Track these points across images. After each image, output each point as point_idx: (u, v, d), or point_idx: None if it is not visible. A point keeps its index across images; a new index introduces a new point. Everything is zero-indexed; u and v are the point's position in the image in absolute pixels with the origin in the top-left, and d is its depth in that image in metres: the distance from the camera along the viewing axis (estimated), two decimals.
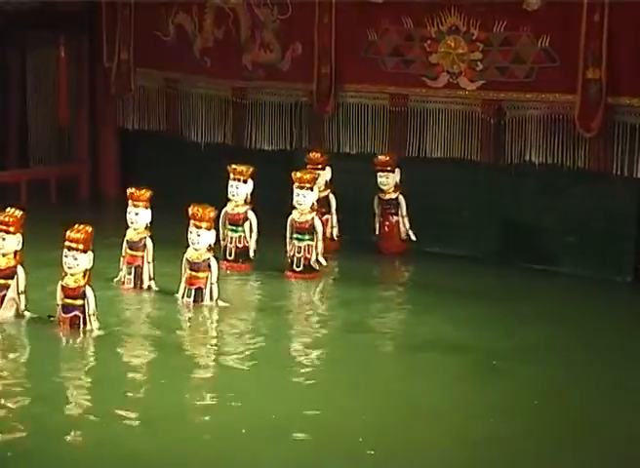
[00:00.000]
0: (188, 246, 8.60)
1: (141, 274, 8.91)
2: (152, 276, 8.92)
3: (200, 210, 8.53)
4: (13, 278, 8.07)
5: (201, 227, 8.48)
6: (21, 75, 13.20)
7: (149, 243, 8.89)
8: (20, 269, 8.09)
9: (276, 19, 11.10)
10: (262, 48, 11.21)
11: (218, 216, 8.82)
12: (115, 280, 9.06)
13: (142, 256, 8.90)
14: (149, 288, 8.93)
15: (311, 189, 9.38)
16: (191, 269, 8.54)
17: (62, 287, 7.85)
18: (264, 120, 11.32)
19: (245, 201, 9.59)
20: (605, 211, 9.48)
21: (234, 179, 9.56)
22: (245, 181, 9.56)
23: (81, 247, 7.76)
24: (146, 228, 8.93)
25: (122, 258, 9.03)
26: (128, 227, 8.99)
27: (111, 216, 10.84)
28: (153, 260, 8.92)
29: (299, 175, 9.43)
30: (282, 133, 11.20)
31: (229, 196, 9.59)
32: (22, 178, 12.31)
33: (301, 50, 10.94)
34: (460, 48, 9.95)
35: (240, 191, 9.54)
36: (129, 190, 9.05)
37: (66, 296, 7.83)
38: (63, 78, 12.72)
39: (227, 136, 11.55)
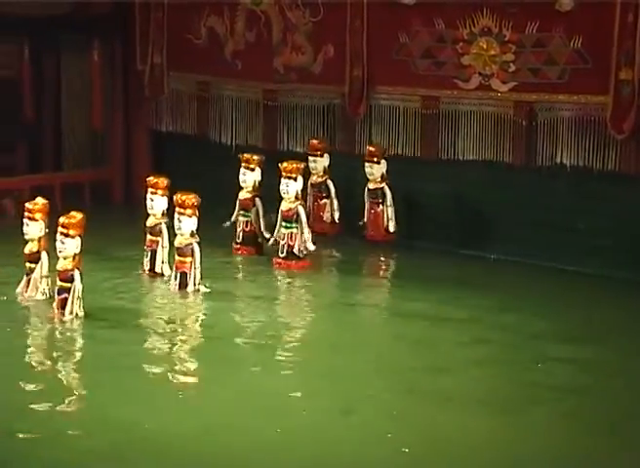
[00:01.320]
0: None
1: (156, 258, 9.36)
2: (166, 260, 9.31)
3: (183, 197, 8.98)
4: (37, 262, 8.52)
5: (184, 214, 8.93)
6: (56, 78, 13.29)
7: (164, 229, 9.31)
8: (43, 254, 8.49)
9: (308, 22, 11.11)
10: (294, 50, 11.23)
11: (201, 204, 9.17)
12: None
13: (158, 241, 9.32)
14: (162, 271, 9.31)
15: (295, 179, 9.73)
16: (178, 254, 8.98)
17: (58, 271, 8.21)
18: (296, 122, 11.34)
19: (253, 188, 10.13)
20: (637, 212, 9.39)
21: (244, 168, 10.16)
22: (252, 169, 10.13)
23: (71, 232, 8.10)
24: (163, 215, 9.38)
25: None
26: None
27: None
28: (170, 246, 9.26)
29: (284, 165, 9.80)
30: (314, 135, 11.19)
31: (240, 183, 10.17)
32: (56, 181, 12.36)
33: (333, 52, 10.95)
34: (493, 49, 9.91)
35: (248, 178, 10.14)
36: (148, 179, 9.54)
37: (60, 279, 8.19)
38: (97, 81, 12.80)
39: (259, 139, 11.60)
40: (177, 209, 8.98)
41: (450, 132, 10.31)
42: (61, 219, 8.17)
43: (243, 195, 10.19)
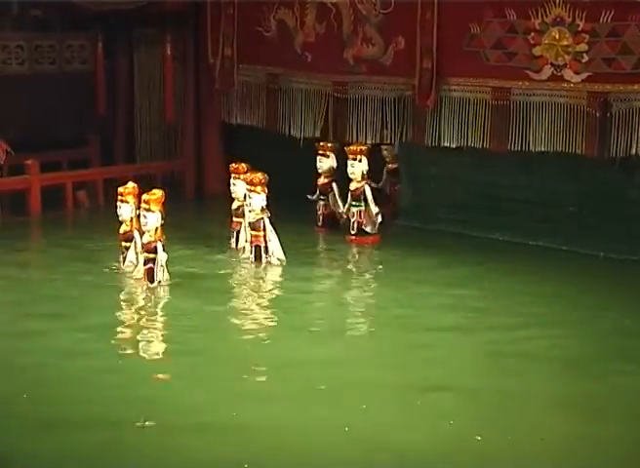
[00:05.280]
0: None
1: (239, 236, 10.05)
2: (248, 238, 9.84)
3: (251, 175, 9.57)
4: (131, 241, 9.21)
5: (253, 191, 9.50)
6: (129, 72, 13.44)
7: (247, 211, 9.80)
8: (136, 233, 9.17)
9: (378, 14, 11.05)
10: (365, 42, 11.18)
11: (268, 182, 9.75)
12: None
13: (241, 222, 9.96)
14: (244, 248, 9.88)
15: (360, 160, 10.44)
16: (251, 229, 9.59)
17: (143, 243, 8.94)
18: (366, 114, 11.29)
19: (329, 172, 10.93)
20: None
21: (320, 155, 10.91)
22: (328, 156, 10.92)
23: (152, 207, 8.77)
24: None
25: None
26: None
27: (216, 211, 11.25)
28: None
29: (350, 147, 10.57)
30: (384, 127, 11.13)
31: (318, 170, 10.93)
32: (129, 174, 12.48)
33: (404, 44, 10.88)
34: (565, 39, 9.77)
35: (324, 165, 10.92)
36: (231, 165, 10.23)
37: (145, 251, 8.91)
38: (169, 75, 12.92)
39: (328, 131, 11.57)
40: (246, 186, 9.58)
41: (521, 123, 10.19)
42: (143, 196, 8.87)
43: (321, 180, 10.93)
